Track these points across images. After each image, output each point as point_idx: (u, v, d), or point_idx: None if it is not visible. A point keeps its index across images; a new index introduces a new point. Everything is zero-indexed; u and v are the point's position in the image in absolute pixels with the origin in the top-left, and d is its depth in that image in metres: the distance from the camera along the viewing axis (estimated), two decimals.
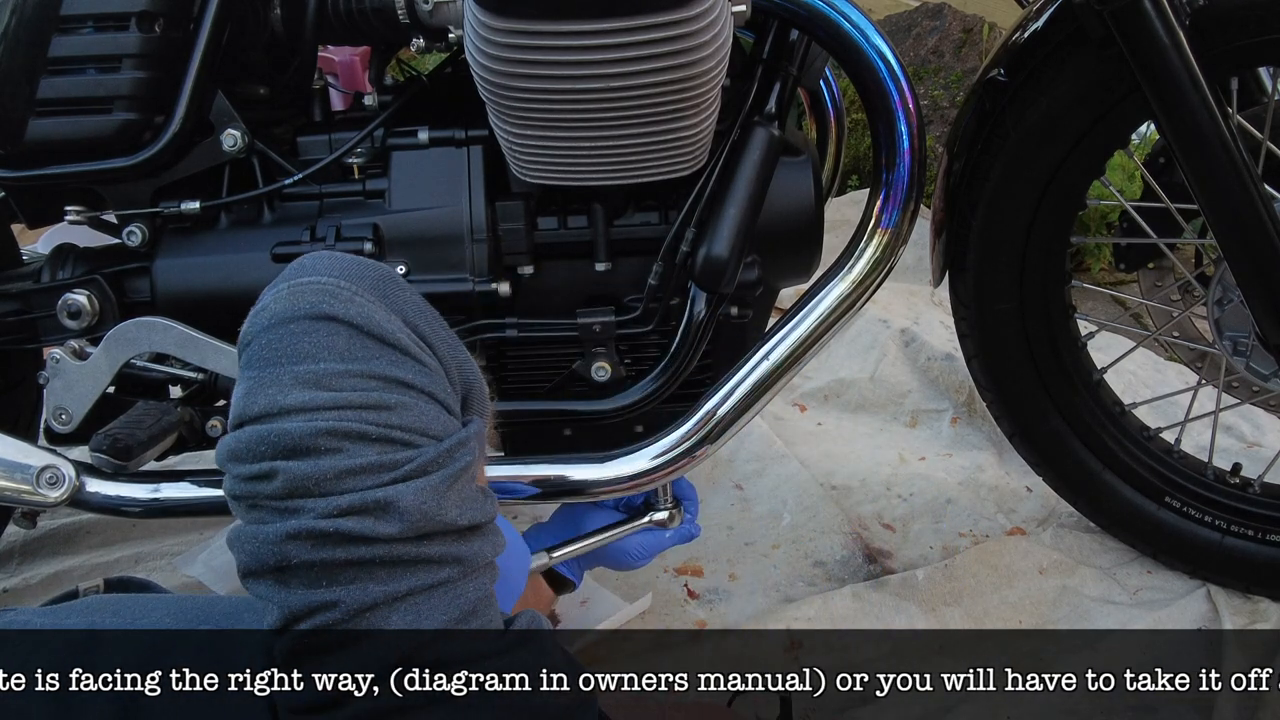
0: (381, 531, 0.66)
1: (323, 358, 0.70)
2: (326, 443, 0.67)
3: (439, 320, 0.78)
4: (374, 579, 0.66)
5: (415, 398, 0.71)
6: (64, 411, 1.14)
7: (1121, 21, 1.09)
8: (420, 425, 0.70)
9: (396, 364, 0.71)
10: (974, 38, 3.05)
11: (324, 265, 0.74)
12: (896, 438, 1.82)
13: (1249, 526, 1.36)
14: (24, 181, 1.16)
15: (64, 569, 1.55)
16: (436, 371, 0.74)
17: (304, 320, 0.71)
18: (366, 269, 0.75)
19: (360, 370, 0.70)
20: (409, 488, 0.67)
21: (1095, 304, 2.17)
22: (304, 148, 1.20)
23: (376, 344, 0.71)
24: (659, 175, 1.08)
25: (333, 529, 0.66)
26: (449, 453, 0.71)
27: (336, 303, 0.71)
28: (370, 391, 0.69)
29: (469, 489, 0.72)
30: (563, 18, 0.92)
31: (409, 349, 0.72)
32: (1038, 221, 1.27)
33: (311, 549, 0.66)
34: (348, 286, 0.72)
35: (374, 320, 0.71)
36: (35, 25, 1.09)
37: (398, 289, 0.76)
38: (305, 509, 0.67)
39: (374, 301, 0.73)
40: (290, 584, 0.67)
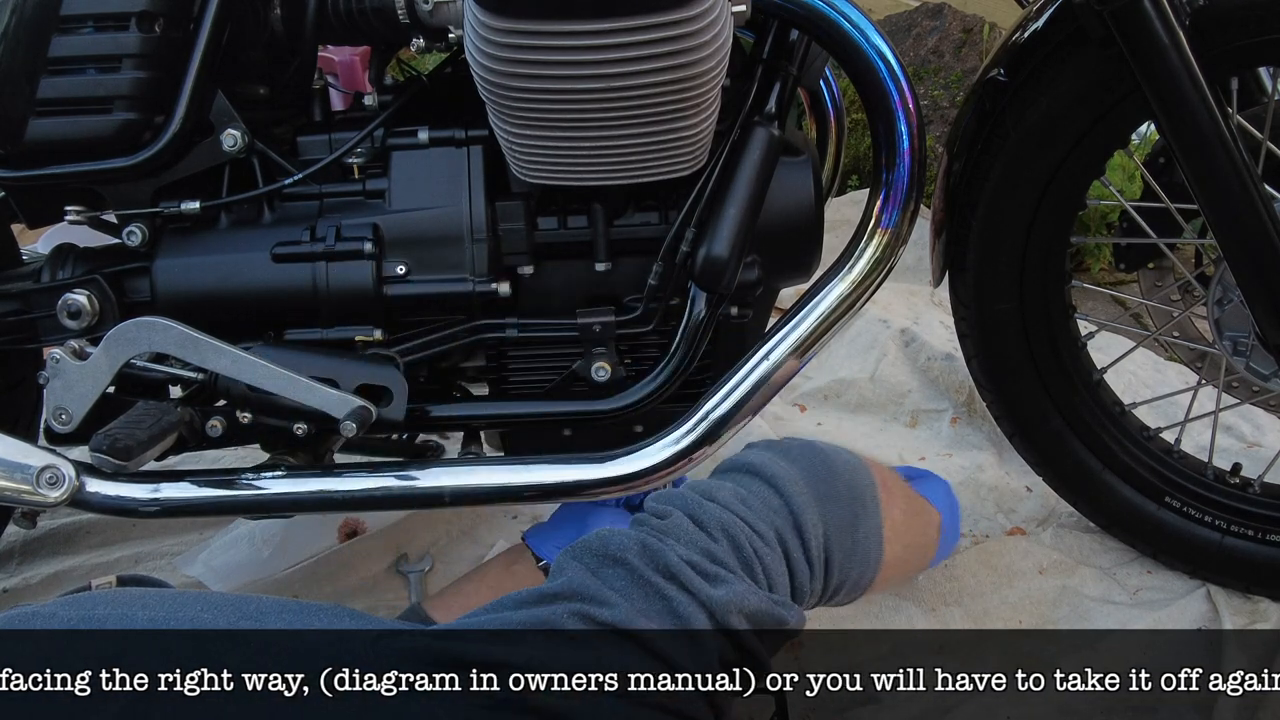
0: (709, 594, 0.86)
1: (752, 506, 0.97)
2: (716, 531, 0.92)
3: (852, 535, 1.02)
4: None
5: (784, 571, 0.95)
6: (64, 411, 1.14)
7: (1121, 21, 1.09)
8: (770, 578, 0.93)
9: (796, 553, 0.97)
10: (974, 38, 3.05)
11: (795, 453, 1.06)
12: (896, 438, 1.82)
13: (1249, 526, 1.35)
14: (24, 181, 1.16)
15: (64, 569, 1.55)
16: (813, 581, 0.99)
17: (749, 475, 1.01)
18: (828, 478, 1.03)
19: (772, 534, 0.95)
20: (740, 588, 0.88)
21: (1095, 304, 2.17)
22: (304, 148, 1.20)
23: (791, 530, 0.98)
24: (659, 175, 1.08)
25: (676, 569, 0.86)
26: (783, 604, 0.92)
27: (790, 486, 1.00)
28: (765, 541, 0.94)
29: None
30: (562, 18, 0.92)
31: (810, 553, 0.98)
32: (1038, 221, 1.27)
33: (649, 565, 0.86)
34: (798, 482, 1.00)
35: (804, 517, 0.99)
36: (35, 25, 1.09)
37: (836, 506, 1.02)
38: (667, 545, 0.88)
39: (811, 506, 0.99)
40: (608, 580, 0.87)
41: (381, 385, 1.14)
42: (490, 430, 1.30)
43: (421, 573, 1.50)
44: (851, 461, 1.07)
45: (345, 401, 1.11)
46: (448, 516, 1.58)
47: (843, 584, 1.01)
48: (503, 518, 1.60)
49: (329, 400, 1.11)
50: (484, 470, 1.19)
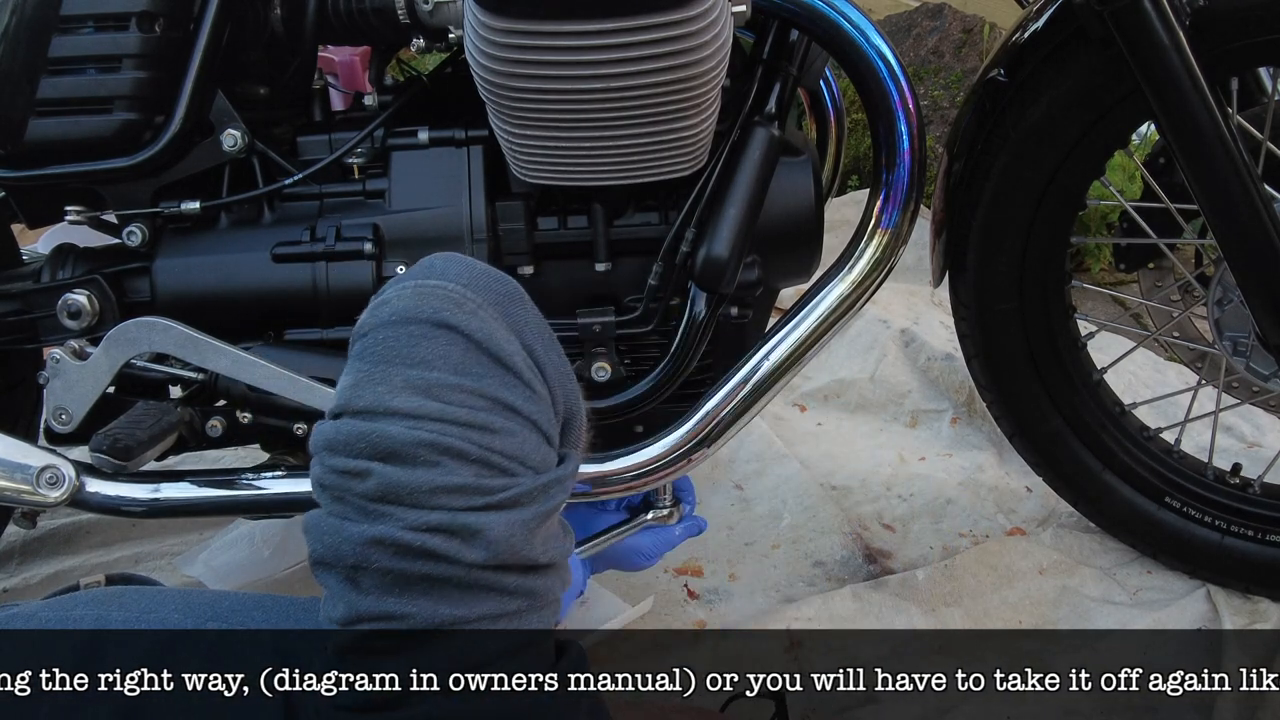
0: (465, 556, 0.65)
1: (437, 366, 0.69)
2: (426, 454, 0.66)
3: (554, 345, 0.77)
4: (446, 600, 0.66)
5: (520, 424, 0.70)
6: (64, 411, 1.14)
7: (1121, 22, 1.09)
8: (521, 454, 0.69)
9: (508, 386, 0.70)
10: (974, 38, 3.05)
11: (453, 270, 0.73)
12: (896, 438, 1.82)
13: (1249, 527, 1.36)
14: (24, 181, 1.16)
15: (64, 569, 1.55)
16: (544, 399, 0.73)
17: (424, 324, 0.70)
18: (494, 282, 0.74)
19: (471, 387, 0.69)
20: (500, 518, 0.67)
21: (1095, 304, 2.17)
22: (304, 148, 1.20)
23: (491, 362, 0.70)
24: (659, 175, 1.08)
25: (418, 543, 0.65)
26: (544, 488, 0.70)
27: (460, 313, 0.70)
28: (478, 411, 0.68)
29: (554, 526, 0.72)
30: (563, 18, 0.92)
31: (521, 373, 0.71)
32: (1038, 222, 1.27)
33: (392, 557, 0.65)
34: (473, 298, 0.71)
35: (493, 338, 0.70)
36: (35, 25, 1.09)
37: (521, 307, 0.75)
38: (393, 516, 0.66)
39: (496, 318, 0.72)
40: (362, 586, 0.66)
41: None
42: None
43: None
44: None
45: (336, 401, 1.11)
46: None
47: (572, 403, 0.78)
48: None
49: (329, 400, 1.11)
50: None
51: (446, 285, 0.71)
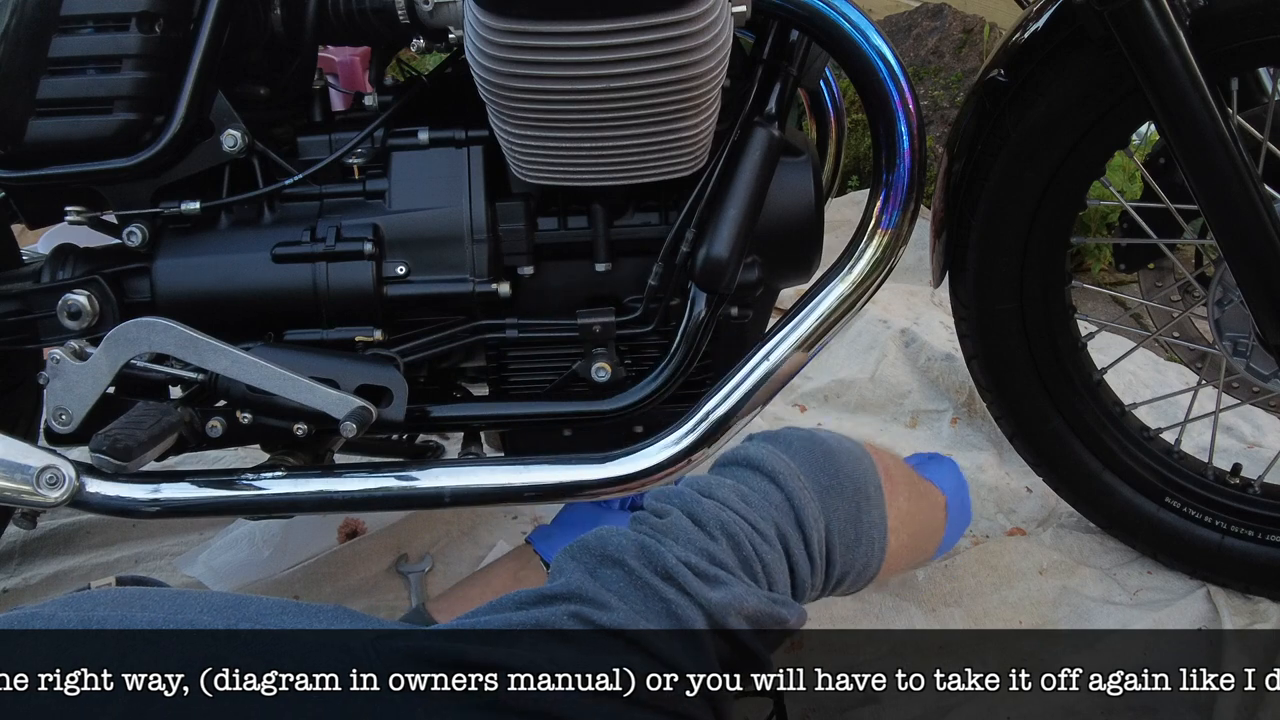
0: (701, 594, 0.85)
1: (754, 501, 0.95)
2: (714, 527, 0.91)
3: (854, 526, 1.01)
4: (651, 616, 0.86)
5: (783, 559, 0.94)
6: (64, 412, 1.14)
7: (1122, 22, 1.09)
8: (771, 576, 0.92)
9: (795, 539, 0.95)
10: (974, 38, 3.05)
11: (796, 443, 1.02)
12: (896, 438, 1.82)
13: (1249, 527, 1.35)
14: (24, 181, 1.16)
15: (64, 569, 1.55)
16: (813, 576, 0.97)
17: (757, 473, 0.98)
18: (831, 474, 1.01)
19: (774, 516, 0.94)
20: (740, 590, 0.87)
21: (1095, 304, 2.17)
22: (304, 148, 1.20)
23: (793, 525, 0.95)
24: (659, 176, 1.08)
25: (671, 564, 0.85)
26: (783, 603, 0.91)
27: (794, 482, 0.97)
28: (767, 525, 0.93)
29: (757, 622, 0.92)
30: (563, 18, 0.92)
31: (812, 548, 0.96)
32: (1038, 222, 1.27)
33: (639, 559, 0.85)
34: (799, 474, 0.99)
35: (805, 509, 0.97)
36: (35, 25, 1.09)
37: (839, 499, 1.00)
38: (665, 544, 0.87)
39: (815, 500, 0.97)
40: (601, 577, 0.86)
41: (381, 386, 1.14)
42: (490, 431, 1.30)
43: (421, 573, 1.50)
44: (854, 451, 1.05)
45: (345, 402, 1.11)
46: (448, 517, 1.58)
47: (845, 575, 1.00)
48: (503, 518, 1.60)
49: (329, 401, 1.11)
50: (484, 471, 1.19)
51: (785, 460, 0.97)
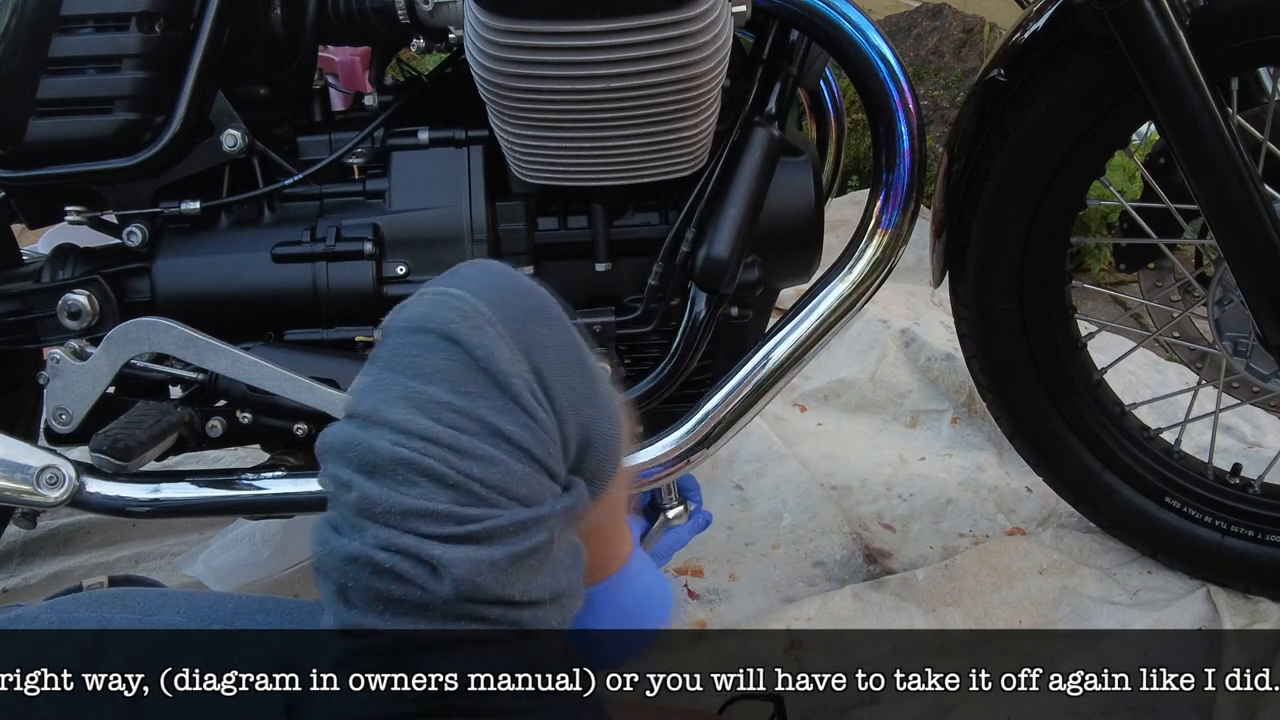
0: (431, 587, 0.64)
1: (434, 380, 0.67)
2: (404, 473, 0.65)
3: (579, 367, 0.73)
4: (427, 620, 0.64)
5: (509, 453, 0.67)
6: (64, 412, 1.14)
7: (1122, 22, 1.09)
8: (503, 484, 0.66)
9: (502, 411, 0.67)
10: (974, 38, 3.05)
11: (475, 280, 0.72)
12: (896, 438, 1.82)
13: (1249, 527, 1.35)
14: (24, 181, 1.16)
15: (64, 569, 1.55)
16: (545, 429, 0.69)
17: (431, 334, 0.68)
18: (516, 296, 0.72)
19: (464, 407, 0.66)
20: (463, 554, 0.64)
21: (1095, 304, 2.16)
22: (304, 148, 1.20)
23: (489, 384, 0.67)
24: (659, 176, 1.08)
25: (388, 564, 0.64)
26: (523, 525, 0.66)
27: (466, 327, 0.68)
28: (464, 434, 0.66)
29: (543, 562, 0.68)
30: (563, 18, 0.92)
31: (520, 397, 0.68)
32: (1038, 222, 1.27)
33: (370, 575, 0.64)
34: (484, 312, 0.69)
35: (494, 357, 0.68)
36: (35, 25, 1.09)
37: (540, 326, 0.72)
38: (368, 533, 0.64)
39: (504, 335, 0.69)
40: (350, 599, 0.65)
41: None
42: None
43: None
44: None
45: (345, 402, 1.11)
46: None
47: (589, 440, 0.74)
48: None
49: (329, 400, 1.11)
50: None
51: (462, 295, 0.70)
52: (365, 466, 0.66)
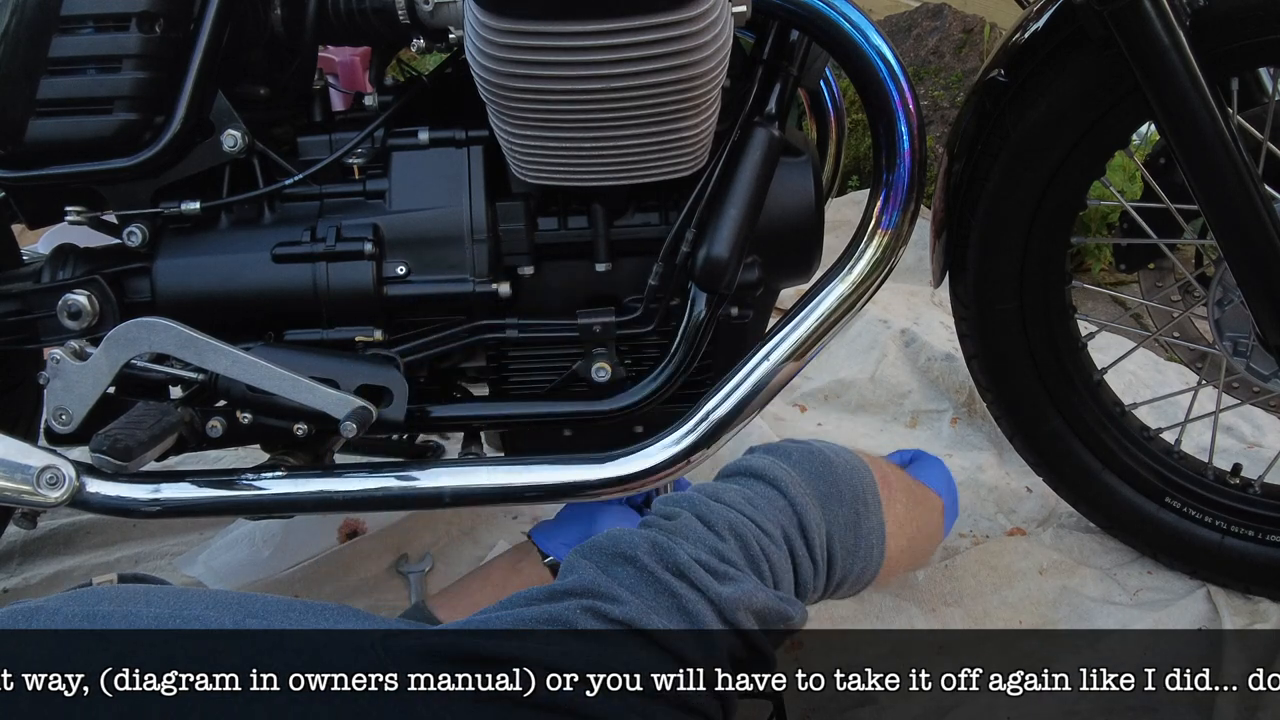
0: (713, 589, 0.86)
1: (764, 500, 0.98)
2: (723, 529, 0.93)
3: (855, 531, 1.04)
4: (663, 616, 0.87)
5: (789, 560, 0.97)
6: (64, 412, 1.14)
7: (1122, 22, 1.09)
8: (778, 576, 0.94)
9: (799, 542, 0.98)
10: (974, 38, 3.05)
11: (796, 455, 1.06)
12: (897, 438, 1.82)
13: (1249, 527, 1.35)
14: (24, 181, 1.16)
15: (64, 569, 1.55)
16: (819, 574, 1.00)
17: (764, 484, 1.00)
18: (826, 479, 1.04)
19: (780, 521, 0.97)
20: (748, 585, 0.89)
21: (1095, 304, 2.16)
22: (304, 148, 1.20)
23: (798, 525, 0.99)
24: (659, 176, 1.08)
25: (684, 561, 0.87)
26: (786, 600, 0.93)
27: (792, 488, 1.00)
28: (774, 526, 0.96)
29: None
30: (563, 18, 0.92)
31: (814, 548, 0.99)
32: (1038, 222, 1.27)
33: (662, 566, 0.87)
34: (800, 483, 1.01)
35: (807, 513, 1.00)
36: (35, 25, 1.09)
37: (838, 504, 1.03)
38: (677, 544, 0.88)
39: (815, 504, 1.00)
40: (614, 574, 0.87)
41: (382, 386, 1.14)
42: (490, 431, 1.30)
43: (422, 573, 1.50)
44: (851, 461, 1.08)
45: (345, 402, 1.11)
46: (448, 517, 1.58)
47: (845, 578, 1.03)
48: (503, 518, 1.60)
49: (329, 401, 1.11)
50: (484, 471, 1.19)
51: (789, 470, 1.01)
52: (698, 515, 0.93)
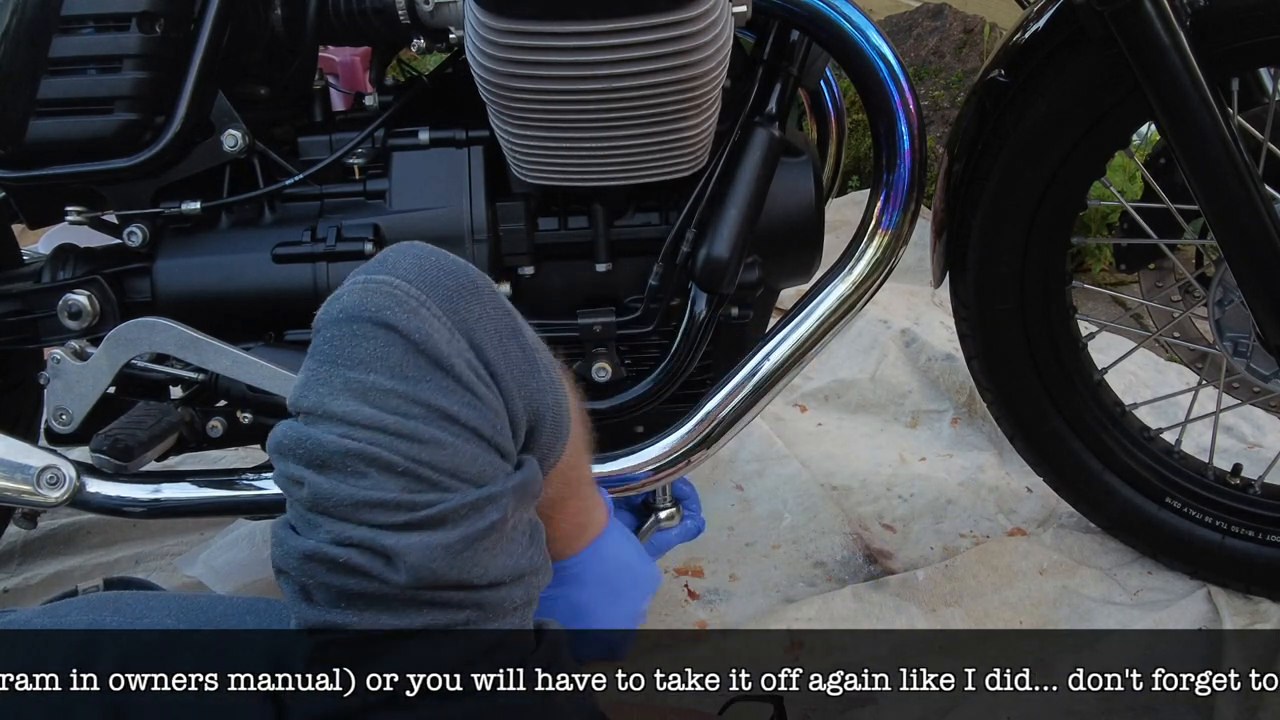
0: (389, 577, 0.64)
1: (375, 369, 0.66)
2: (353, 465, 0.65)
3: (517, 341, 0.73)
4: (388, 611, 0.65)
5: (456, 434, 0.67)
6: (64, 412, 1.14)
7: (1122, 22, 1.09)
8: (453, 466, 0.66)
9: (445, 392, 0.67)
10: (974, 38, 3.05)
11: (404, 264, 0.71)
12: (897, 438, 1.82)
13: (1249, 527, 1.35)
14: (25, 181, 1.16)
15: (64, 569, 1.55)
16: (491, 406, 0.69)
17: (366, 323, 0.68)
18: (446, 275, 0.71)
19: (406, 392, 0.66)
20: (417, 541, 0.64)
21: (1096, 304, 2.16)
22: (305, 148, 1.20)
23: (429, 366, 0.67)
24: (659, 176, 1.08)
25: (343, 559, 0.64)
26: (474, 506, 0.66)
27: (400, 311, 0.68)
28: (409, 419, 0.66)
29: (498, 542, 0.68)
30: (563, 18, 0.92)
31: (462, 376, 0.68)
32: (1038, 222, 1.27)
33: (327, 572, 0.65)
34: (416, 295, 0.69)
35: (432, 339, 0.68)
36: (36, 25, 1.09)
37: (474, 302, 0.71)
38: (322, 528, 0.65)
39: (439, 316, 0.69)
40: (312, 597, 0.66)
41: None
42: None
43: None
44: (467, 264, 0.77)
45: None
46: None
47: (540, 415, 0.75)
48: None
49: None
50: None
51: (391, 281, 0.69)
52: (314, 461, 0.66)
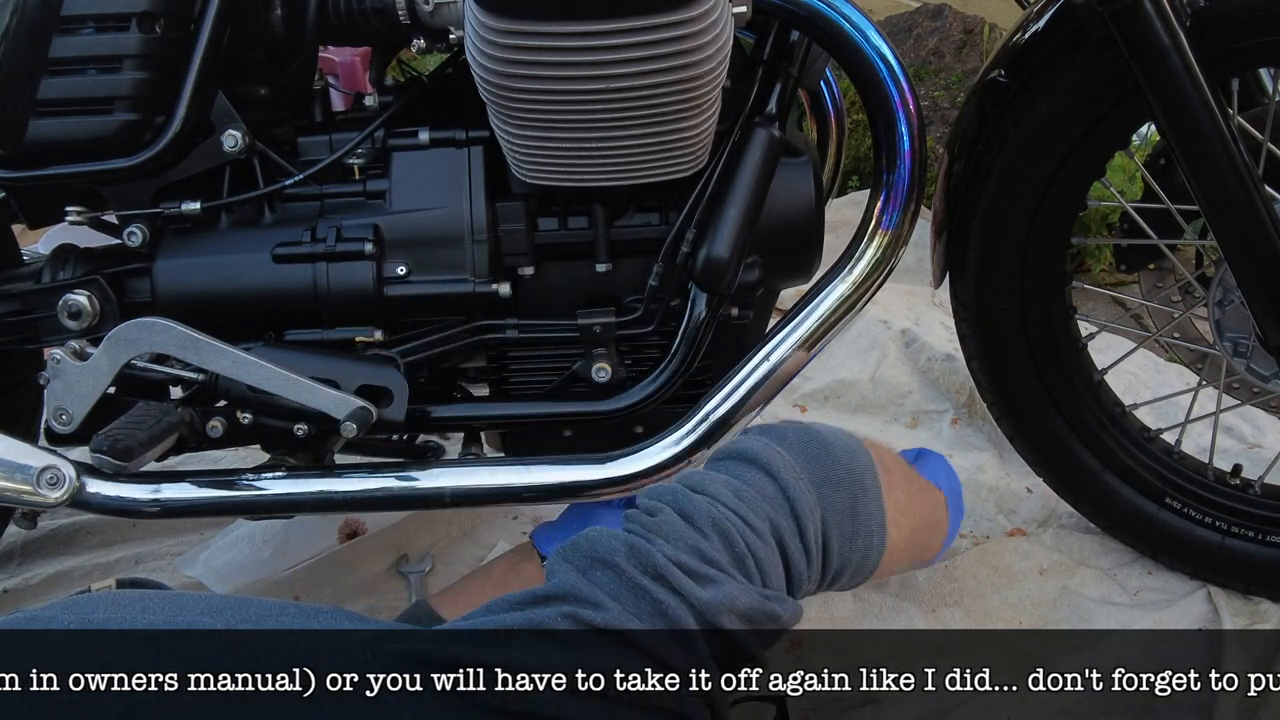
0: (692, 593, 0.84)
1: (754, 488, 0.93)
2: (706, 526, 0.88)
3: (853, 519, 0.99)
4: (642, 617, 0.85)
5: (778, 557, 0.92)
6: (64, 412, 1.14)
7: (1122, 23, 1.09)
8: (765, 572, 0.90)
9: (793, 535, 0.93)
10: (974, 39, 3.05)
11: (793, 440, 0.99)
12: (897, 438, 1.82)
13: (1249, 527, 1.35)
14: (24, 182, 1.16)
15: (64, 569, 1.55)
16: (812, 567, 0.95)
17: (758, 469, 0.95)
18: (824, 463, 0.99)
19: (769, 513, 0.91)
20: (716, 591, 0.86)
21: (1096, 305, 2.16)
22: (305, 148, 1.20)
23: (791, 514, 0.93)
24: (659, 176, 1.08)
25: (664, 567, 0.84)
26: (752, 602, 0.87)
27: (787, 474, 0.95)
28: (759, 527, 0.90)
29: None
30: (563, 18, 0.92)
31: (806, 537, 0.94)
32: (1038, 222, 1.27)
33: (639, 570, 0.84)
34: (797, 469, 0.96)
35: (801, 501, 0.94)
36: (36, 25, 1.09)
37: (835, 489, 0.98)
38: (656, 544, 0.86)
39: (809, 490, 0.95)
40: (594, 578, 0.85)
41: (382, 386, 1.14)
42: (491, 431, 1.30)
43: (422, 573, 1.50)
44: (849, 443, 1.03)
45: (345, 402, 1.11)
46: (448, 517, 1.58)
47: (844, 569, 0.98)
48: (503, 518, 1.60)
49: (329, 401, 1.11)
50: (484, 471, 1.19)
51: (784, 453, 0.95)
52: (681, 510, 0.89)
